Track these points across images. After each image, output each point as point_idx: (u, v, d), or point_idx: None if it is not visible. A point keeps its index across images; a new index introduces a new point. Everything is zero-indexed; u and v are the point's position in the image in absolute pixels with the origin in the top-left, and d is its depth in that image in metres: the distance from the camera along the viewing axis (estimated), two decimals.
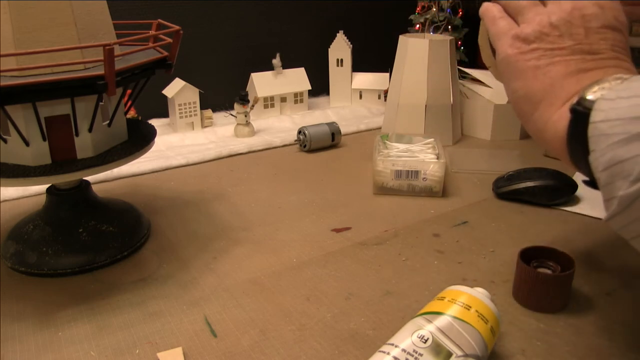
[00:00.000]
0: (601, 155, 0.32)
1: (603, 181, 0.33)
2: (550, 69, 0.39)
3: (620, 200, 0.31)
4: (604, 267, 0.54)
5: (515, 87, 0.42)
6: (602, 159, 0.32)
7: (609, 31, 0.40)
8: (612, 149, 0.31)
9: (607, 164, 0.32)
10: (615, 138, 0.31)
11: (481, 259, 0.56)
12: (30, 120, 0.47)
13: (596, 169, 0.33)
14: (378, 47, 1.34)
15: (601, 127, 0.32)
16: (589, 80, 0.37)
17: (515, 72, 0.42)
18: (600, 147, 0.32)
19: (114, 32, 0.54)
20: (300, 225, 0.64)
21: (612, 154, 0.31)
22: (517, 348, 0.42)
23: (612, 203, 0.32)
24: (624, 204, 0.31)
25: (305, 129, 0.88)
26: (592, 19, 0.40)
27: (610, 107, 0.32)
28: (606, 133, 0.32)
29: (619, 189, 0.31)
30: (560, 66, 0.39)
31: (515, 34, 0.42)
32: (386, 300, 0.49)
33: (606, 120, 0.32)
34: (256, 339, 0.44)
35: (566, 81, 0.39)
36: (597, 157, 0.33)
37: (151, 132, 0.60)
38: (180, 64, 0.90)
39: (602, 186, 0.33)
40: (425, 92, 0.88)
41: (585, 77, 0.38)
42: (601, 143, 0.32)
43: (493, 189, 0.71)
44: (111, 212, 0.58)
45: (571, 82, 0.38)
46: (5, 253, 0.54)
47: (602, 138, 0.32)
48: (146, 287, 0.51)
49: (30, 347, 0.43)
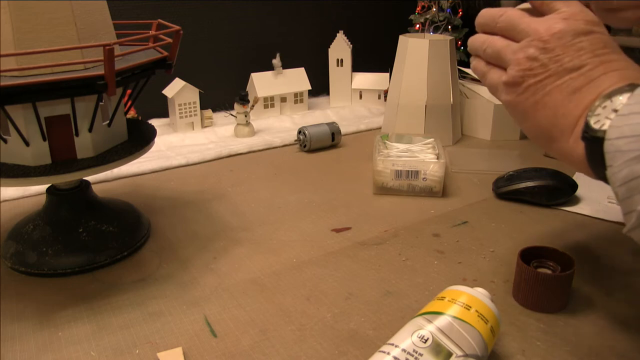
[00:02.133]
0: (618, 171, 0.33)
1: (621, 195, 0.34)
2: (547, 100, 0.40)
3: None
4: (604, 267, 0.54)
5: (526, 128, 0.43)
6: (619, 175, 0.33)
7: (584, 38, 0.39)
8: (628, 165, 0.32)
9: (624, 180, 0.33)
10: (631, 155, 0.32)
11: (481, 259, 0.56)
12: (30, 120, 0.47)
13: (614, 184, 0.34)
14: (378, 47, 1.34)
15: (617, 143, 0.33)
16: (586, 100, 0.38)
17: (520, 115, 0.42)
18: (616, 163, 0.33)
19: (114, 32, 0.54)
20: (300, 225, 0.64)
21: (629, 170, 0.32)
22: (517, 348, 0.42)
23: (631, 216, 0.33)
24: None
25: (305, 129, 0.88)
26: (562, 34, 0.39)
27: (624, 124, 0.33)
28: (622, 150, 0.33)
29: (637, 203, 0.32)
30: (555, 94, 0.39)
31: (504, 81, 0.42)
32: (386, 300, 0.49)
33: (621, 137, 0.33)
34: (256, 339, 0.44)
35: (566, 107, 0.39)
36: (615, 173, 0.34)
37: (151, 132, 0.60)
38: (180, 64, 0.90)
39: (621, 200, 0.34)
40: (425, 92, 0.88)
41: (581, 97, 0.38)
42: (617, 159, 0.33)
43: (493, 189, 0.71)
44: (111, 212, 0.58)
45: (570, 106, 0.38)
46: (5, 253, 0.54)
47: (618, 155, 0.33)
48: (146, 287, 0.51)
49: (30, 347, 0.43)
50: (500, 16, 0.44)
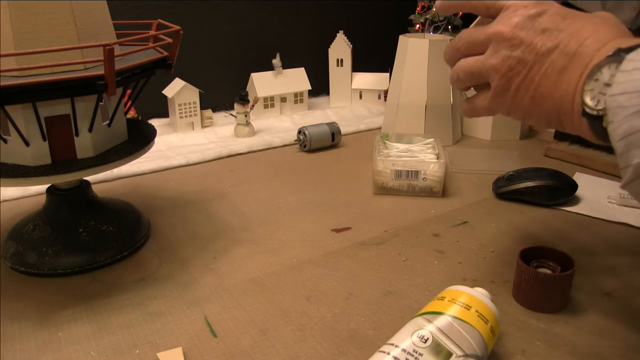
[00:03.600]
0: (619, 126, 0.34)
1: (620, 150, 0.34)
2: (542, 91, 0.40)
3: (636, 168, 0.33)
4: (604, 267, 0.54)
5: (536, 122, 0.43)
6: (619, 130, 0.33)
7: (541, 19, 0.39)
8: (629, 120, 0.33)
9: (623, 134, 0.33)
10: (632, 109, 0.33)
11: (481, 259, 0.56)
12: (30, 120, 0.47)
13: (614, 139, 0.34)
14: (378, 47, 1.34)
15: (619, 99, 0.33)
16: (575, 76, 0.38)
17: (524, 115, 0.42)
18: (618, 119, 0.34)
19: (114, 32, 0.54)
20: (300, 225, 0.64)
21: (629, 124, 0.33)
22: (517, 348, 0.42)
23: (627, 171, 0.34)
24: (638, 171, 0.33)
25: (305, 129, 0.88)
26: (522, 24, 0.40)
27: (627, 80, 0.33)
28: (623, 105, 0.33)
29: (634, 157, 0.33)
30: (545, 82, 0.39)
31: (493, 94, 0.42)
32: (386, 300, 0.49)
33: (624, 92, 0.33)
34: (256, 339, 0.44)
35: (560, 90, 0.39)
36: (615, 128, 0.34)
37: (151, 132, 0.60)
38: (180, 64, 0.90)
39: (619, 155, 0.34)
40: (425, 92, 0.88)
41: (569, 76, 0.38)
42: (619, 114, 0.33)
43: (493, 189, 0.71)
44: (111, 212, 0.58)
45: (563, 87, 0.39)
46: (5, 253, 0.54)
47: (619, 110, 0.33)
48: (146, 287, 0.51)
49: (30, 347, 0.43)
50: (458, 41, 0.45)
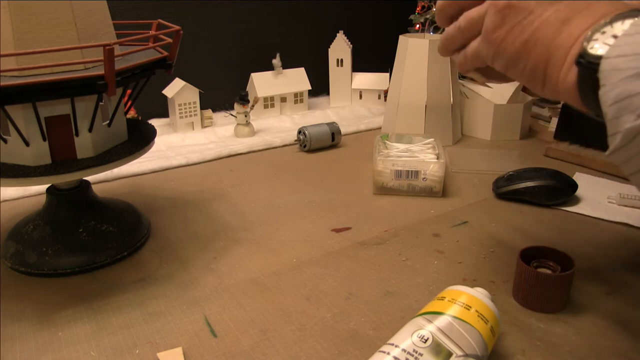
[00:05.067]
0: (611, 89, 0.32)
1: (610, 115, 0.32)
2: (538, 36, 0.37)
3: (625, 134, 0.31)
4: (604, 267, 0.54)
5: (519, 72, 0.40)
6: (611, 93, 0.31)
7: None
8: (623, 83, 0.31)
9: (616, 98, 0.31)
10: (628, 72, 0.31)
11: (481, 259, 0.56)
12: (30, 120, 0.47)
13: (604, 104, 0.32)
14: (378, 47, 1.34)
15: (615, 62, 0.32)
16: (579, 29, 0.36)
17: (510, 59, 0.40)
18: (611, 82, 0.32)
19: (114, 32, 0.54)
20: (300, 225, 0.64)
21: (623, 88, 0.31)
22: (517, 348, 0.42)
23: (615, 137, 0.32)
24: (628, 137, 0.31)
25: (305, 129, 0.88)
26: None
27: (627, 42, 0.31)
28: (619, 67, 0.31)
29: (625, 123, 0.31)
30: (544, 28, 0.37)
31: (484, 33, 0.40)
32: (386, 300, 0.49)
33: (621, 55, 0.31)
34: (256, 339, 0.44)
35: (558, 39, 0.37)
36: (607, 92, 0.32)
37: (151, 132, 0.60)
38: (180, 64, 0.90)
39: (609, 120, 0.32)
40: (425, 92, 0.88)
41: (572, 27, 0.36)
42: (612, 77, 0.32)
43: (493, 189, 0.71)
44: (111, 212, 0.58)
45: (563, 37, 0.36)
46: (5, 253, 0.54)
47: (613, 73, 0.31)
48: (146, 287, 0.51)
49: (30, 347, 0.43)
50: None
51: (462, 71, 0.46)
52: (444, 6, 0.44)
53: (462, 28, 0.43)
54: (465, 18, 0.42)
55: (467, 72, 0.47)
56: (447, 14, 0.44)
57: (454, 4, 0.43)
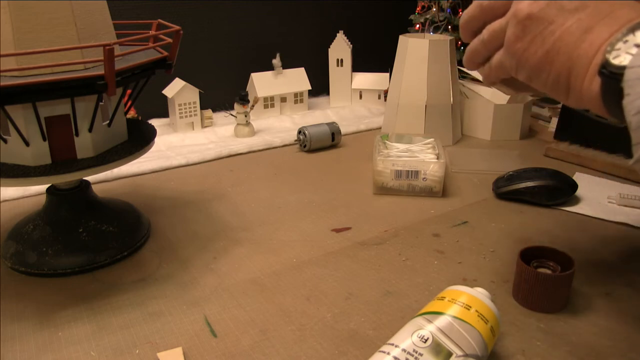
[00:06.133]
0: (636, 98, 0.31)
1: (635, 124, 0.32)
2: (559, 46, 0.37)
3: None
4: (604, 267, 0.54)
5: (542, 82, 0.40)
6: (636, 103, 0.31)
7: None
8: None
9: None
10: None
11: (481, 259, 0.56)
12: (30, 120, 0.47)
13: (629, 113, 0.32)
14: (378, 47, 1.34)
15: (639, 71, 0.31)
16: (601, 37, 0.35)
17: (529, 71, 0.40)
18: (635, 91, 0.31)
19: (114, 32, 0.54)
20: (300, 225, 0.64)
21: None
22: (517, 348, 0.42)
23: None
24: None
25: (305, 129, 0.88)
26: None
27: None
28: None
29: None
30: (567, 38, 0.37)
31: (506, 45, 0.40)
32: (386, 300, 0.49)
33: None
34: (256, 339, 0.44)
35: (580, 48, 0.36)
36: (632, 101, 0.32)
37: (151, 132, 0.60)
38: (180, 64, 0.90)
39: (633, 129, 0.32)
40: (425, 92, 0.88)
41: (594, 36, 0.36)
42: (637, 86, 0.31)
43: (493, 189, 0.71)
44: (111, 212, 0.58)
45: (584, 46, 0.36)
46: (5, 253, 0.54)
47: (638, 82, 0.31)
48: (146, 287, 0.51)
49: (30, 347, 0.43)
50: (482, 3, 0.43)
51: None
52: (468, 21, 0.45)
53: (485, 41, 0.43)
54: (488, 31, 0.42)
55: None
56: (471, 28, 0.45)
57: (477, 18, 0.44)
